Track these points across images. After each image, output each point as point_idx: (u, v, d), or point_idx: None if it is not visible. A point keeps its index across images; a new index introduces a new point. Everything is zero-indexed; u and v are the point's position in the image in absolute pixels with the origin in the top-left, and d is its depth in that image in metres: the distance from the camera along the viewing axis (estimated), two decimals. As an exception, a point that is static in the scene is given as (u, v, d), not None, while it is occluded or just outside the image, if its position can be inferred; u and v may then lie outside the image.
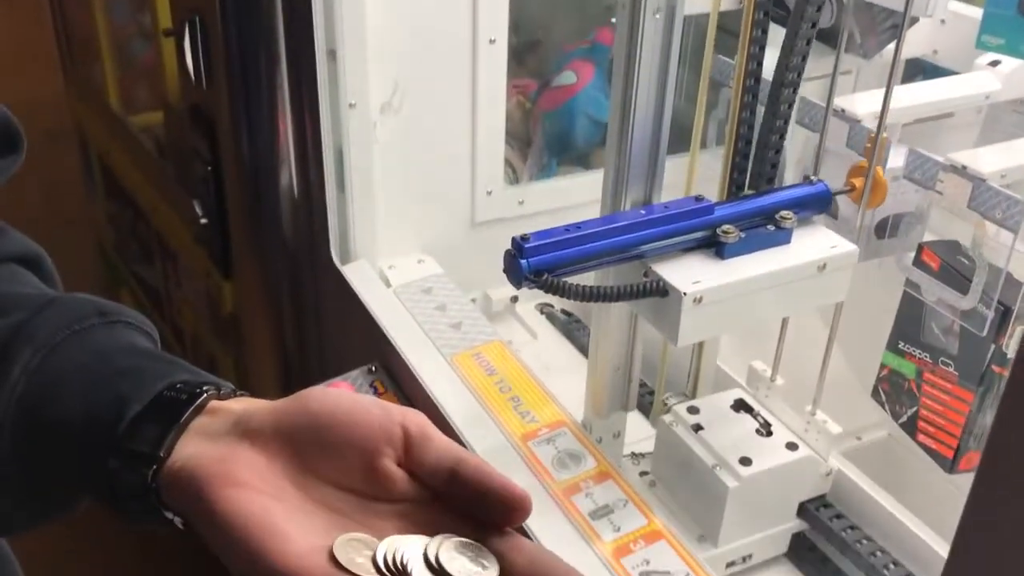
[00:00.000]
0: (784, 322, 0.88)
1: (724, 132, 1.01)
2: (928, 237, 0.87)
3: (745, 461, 0.80)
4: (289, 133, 1.05)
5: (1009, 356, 0.80)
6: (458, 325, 1.00)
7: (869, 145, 0.80)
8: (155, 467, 0.46)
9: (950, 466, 0.88)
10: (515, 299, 1.19)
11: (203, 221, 1.16)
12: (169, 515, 0.47)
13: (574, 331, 1.17)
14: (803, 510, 0.85)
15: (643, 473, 0.90)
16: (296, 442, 0.46)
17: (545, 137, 1.26)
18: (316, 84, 0.98)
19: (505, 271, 0.70)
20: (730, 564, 0.84)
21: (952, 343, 0.87)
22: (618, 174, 0.74)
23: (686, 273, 0.71)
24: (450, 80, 1.05)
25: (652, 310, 0.73)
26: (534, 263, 0.68)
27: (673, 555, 0.73)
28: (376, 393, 0.92)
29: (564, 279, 0.69)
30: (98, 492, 0.48)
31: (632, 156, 0.73)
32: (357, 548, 0.43)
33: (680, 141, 0.98)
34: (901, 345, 0.92)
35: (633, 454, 0.92)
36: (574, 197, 1.19)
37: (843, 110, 0.87)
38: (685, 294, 0.69)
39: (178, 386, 0.48)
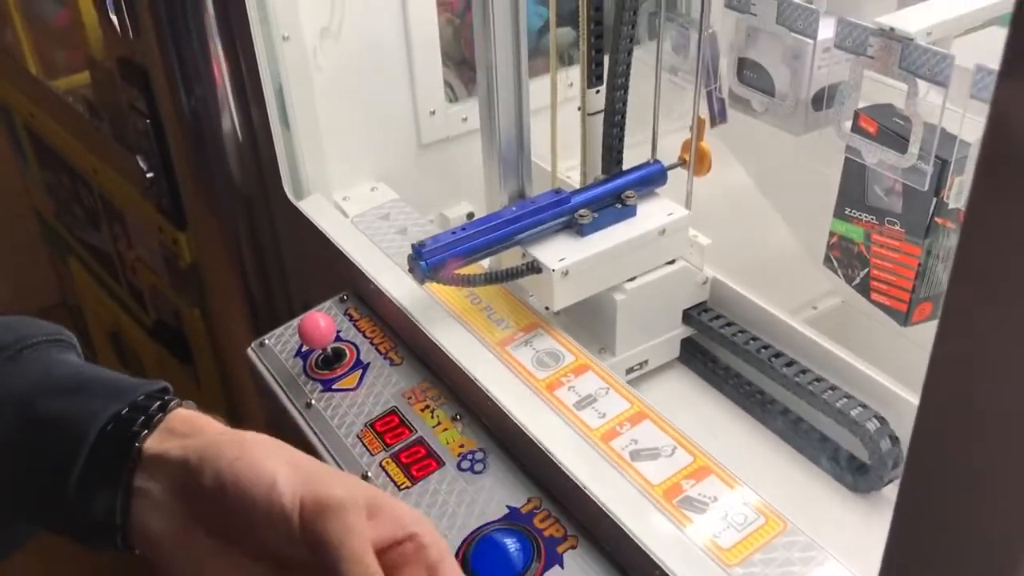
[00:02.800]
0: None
1: (655, 25, 1.03)
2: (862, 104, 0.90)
3: (630, 279, 0.90)
4: (225, 74, 1.04)
5: (951, 206, 0.84)
6: (420, 246, 1.01)
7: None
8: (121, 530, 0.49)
9: (904, 319, 0.93)
10: (471, 215, 1.21)
11: (149, 175, 1.15)
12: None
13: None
14: (687, 317, 0.94)
15: (547, 307, 0.95)
16: (226, 526, 0.48)
17: (479, 51, 1.26)
18: (247, 21, 0.97)
19: (409, 271, 0.86)
20: (630, 370, 0.93)
21: (895, 202, 0.91)
22: (493, 176, 0.93)
23: (554, 252, 0.87)
24: (380, 2, 1.04)
25: (533, 284, 0.89)
26: (432, 263, 0.85)
27: (659, 432, 0.77)
28: (351, 319, 0.94)
29: (458, 272, 0.86)
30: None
31: (503, 160, 0.91)
32: None
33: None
34: (847, 211, 0.95)
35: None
36: (515, 108, 1.20)
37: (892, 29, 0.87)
38: (554, 270, 0.85)
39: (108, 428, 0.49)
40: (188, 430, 0.50)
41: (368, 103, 1.09)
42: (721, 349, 0.93)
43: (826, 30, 0.88)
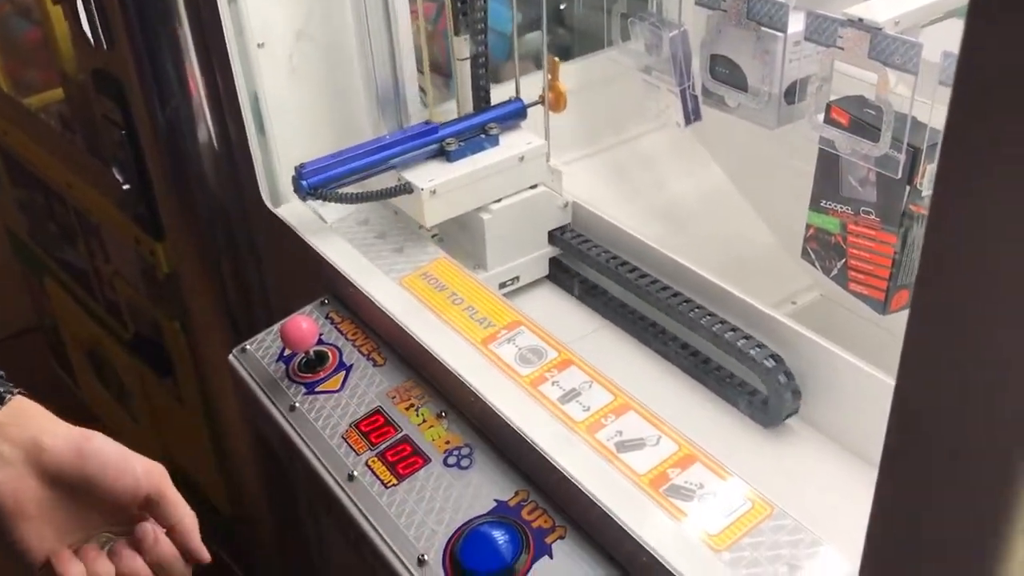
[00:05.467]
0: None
1: (628, 26, 1.04)
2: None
3: (496, 201, 1.01)
4: (200, 82, 1.04)
5: (924, 193, 0.85)
6: (400, 249, 1.02)
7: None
8: None
9: (882, 308, 0.94)
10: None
11: (125, 187, 1.15)
12: None
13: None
14: (552, 237, 1.04)
15: (434, 235, 1.05)
16: (74, 490, 0.64)
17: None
18: (221, 30, 0.97)
19: (295, 191, 0.96)
20: (502, 285, 1.03)
21: (870, 192, 0.92)
22: (373, 113, 1.07)
23: (424, 175, 0.98)
24: (355, 4, 1.05)
25: (406, 203, 1.00)
26: (312, 182, 0.95)
27: (643, 423, 0.77)
28: (333, 323, 0.94)
29: (337, 190, 0.96)
30: None
31: (381, 101, 1.05)
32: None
33: (590, 42, 1.03)
34: (823, 203, 0.96)
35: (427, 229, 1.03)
36: (490, 112, 1.21)
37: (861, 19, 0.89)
38: (423, 189, 0.96)
39: None
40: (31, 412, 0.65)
41: (344, 110, 1.09)
42: (585, 267, 1.02)
43: (796, 23, 0.89)
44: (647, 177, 1.28)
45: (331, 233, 1.03)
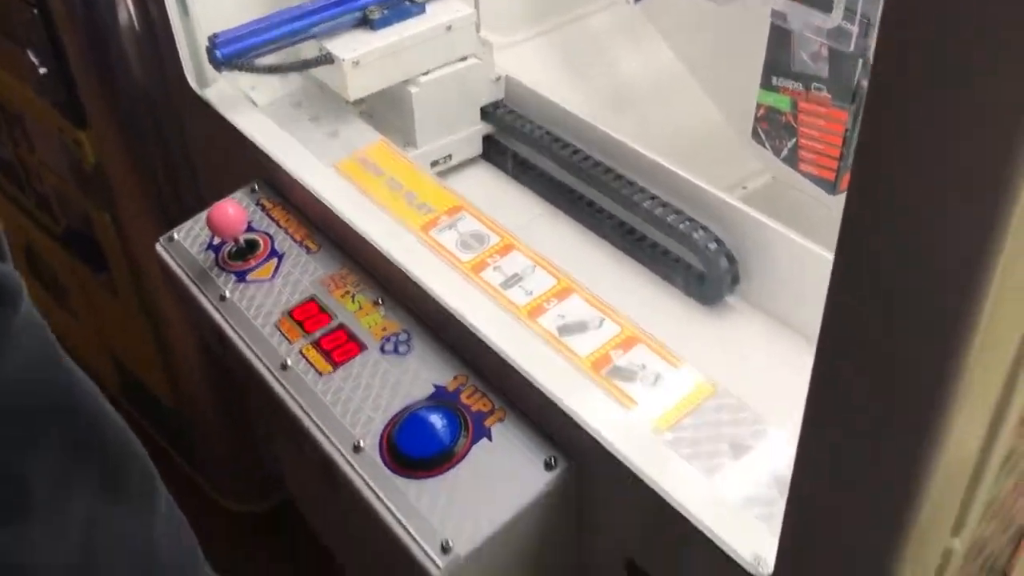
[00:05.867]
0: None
1: None
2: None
3: (425, 74, 0.96)
4: (115, -46, 0.97)
5: (876, 66, 0.82)
6: (335, 133, 0.97)
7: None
8: None
9: (832, 188, 0.92)
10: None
11: (42, 71, 1.08)
12: None
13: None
14: (485, 114, 1.00)
15: (362, 112, 1.01)
16: None
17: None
18: None
19: (209, 62, 0.92)
20: (434, 163, 1.00)
21: (822, 67, 0.89)
22: None
23: (347, 44, 0.93)
24: None
25: (328, 76, 0.96)
26: (226, 52, 0.90)
27: (586, 306, 0.75)
28: (264, 209, 0.90)
29: (254, 60, 0.92)
30: None
31: None
32: None
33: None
34: (774, 80, 0.93)
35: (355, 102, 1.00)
36: None
37: None
38: (345, 60, 0.91)
39: None
40: None
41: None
42: (518, 144, 0.99)
43: None
44: (596, 58, 1.24)
45: (260, 115, 0.97)
